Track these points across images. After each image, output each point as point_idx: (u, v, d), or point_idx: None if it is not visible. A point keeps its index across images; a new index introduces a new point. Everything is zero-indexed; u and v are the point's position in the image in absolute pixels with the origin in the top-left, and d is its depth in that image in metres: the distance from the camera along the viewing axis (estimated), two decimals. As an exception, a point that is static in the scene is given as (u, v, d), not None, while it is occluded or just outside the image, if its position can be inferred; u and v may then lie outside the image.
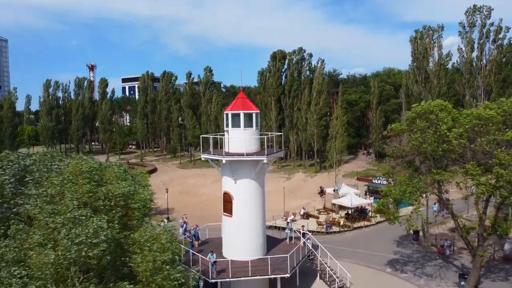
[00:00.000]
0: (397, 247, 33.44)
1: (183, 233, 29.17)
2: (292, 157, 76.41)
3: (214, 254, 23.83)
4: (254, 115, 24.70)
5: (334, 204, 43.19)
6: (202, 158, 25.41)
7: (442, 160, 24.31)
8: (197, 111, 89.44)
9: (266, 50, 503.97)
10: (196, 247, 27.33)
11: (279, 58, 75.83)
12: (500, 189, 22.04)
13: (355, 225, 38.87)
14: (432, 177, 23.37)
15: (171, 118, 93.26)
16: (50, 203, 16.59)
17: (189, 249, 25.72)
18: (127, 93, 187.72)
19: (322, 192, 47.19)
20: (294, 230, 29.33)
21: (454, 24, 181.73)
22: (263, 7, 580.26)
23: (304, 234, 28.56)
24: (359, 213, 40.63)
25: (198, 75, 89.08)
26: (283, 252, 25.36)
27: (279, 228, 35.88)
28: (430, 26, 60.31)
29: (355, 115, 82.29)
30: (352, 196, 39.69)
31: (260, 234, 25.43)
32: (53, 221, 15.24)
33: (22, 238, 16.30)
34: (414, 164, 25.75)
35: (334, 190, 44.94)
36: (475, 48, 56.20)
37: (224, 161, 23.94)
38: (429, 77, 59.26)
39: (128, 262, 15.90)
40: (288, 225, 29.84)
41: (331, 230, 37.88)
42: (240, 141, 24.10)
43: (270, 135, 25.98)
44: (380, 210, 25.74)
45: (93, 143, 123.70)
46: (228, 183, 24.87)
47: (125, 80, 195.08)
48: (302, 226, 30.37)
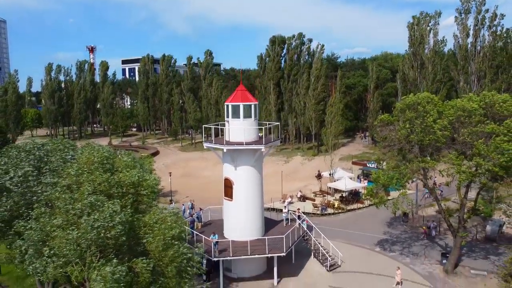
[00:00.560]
0: (387, 228, 35.64)
1: (190, 215, 31.33)
2: (291, 140, 78.07)
3: (216, 235, 25.97)
4: (252, 107, 26.39)
5: (329, 187, 45.27)
6: (204, 147, 27.20)
7: (427, 149, 26.14)
8: (197, 94, 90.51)
9: (267, 29, 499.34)
10: (199, 228, 29.51)
11: (278, 42, 76.30)
12: (479, 176, 24.06)
13: (349, 208, 41.01)
14: (417, 164, 25.26)
15: (172, 101, 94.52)
16: (68, 192, 18.49)
17: (191, 230, 27.80)
18: (127, 75, 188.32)
19: (319, 176, 49.15)
20: (290, 212, 31.39)
21: (457, 3, 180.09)
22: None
23: (299, 217, 30.66)
24: (353, 196, 42.72)
25: (198, 58, 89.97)
26: (279, 233, 27.53)
27: (277, 210, 38.01)
28: (428, 13, 61.17)
29: (353, 98, 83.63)
30: (346, 180, 41.70)
31: (259, 216, 27.52)
32: (72, 208, 17.13)
33: (45, 221, 18.34)
34: (402, 152, 27.60)
35: (330, 174, 46.94)
36: (470, 34, 57.10)
37: (225, 150, 25.78)
38: (424, 64, 60.41)
39: (141, 241, 17.90)
40: (285, 209, 31.88)
41: (326, 212, 40.03)
42: (239, 131, 25.87)
43: (268, 126, 27.69)
44: (370, 194, 27.78)
45: (95, 125, 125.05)
46: (228, 170, 26.77)
47: (125, 62, 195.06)
48: (298, 209, 32.44)
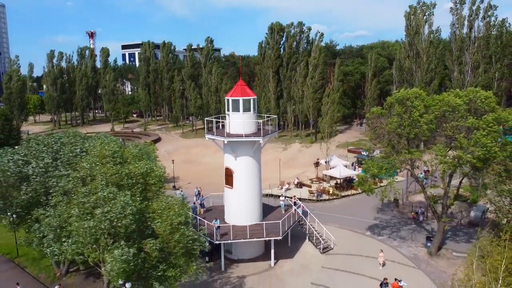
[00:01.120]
0: (378, 214, 37.80)
1: (196, 200, 33.55)
2: (289, 127, 79.82)
3: (218, 220, 28.12)
4: (251, 101, 28.10)
5: (325, 174, 47.30)
6: (206, 138, 29.07)
7: (414, 141, 28.01)
8: (198, 81, 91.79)
9: (267, 10, 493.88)
10: (202, 214, 31.65)
11: (277, 30, 77.16)
12: (461, 167, 26.03)
13: (343, 194, 43.12)
14: (404, 155, 27.18)
15: (173, 88, 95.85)
16: (80, 184, 20.31)
17: (194, 215, 29.88)
18: (127, 60, 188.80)
19: (317, 164, 51.13)
20: (286, 198, 33.43)
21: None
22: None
23: (295, 203, 32.76)
24: (347, 183, 44.78)
25: (198, 45, 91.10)
26: (276, 218, 29.67)
27: (275, 196, 40.12)
28: (425, 2, 62.06)
29: (350, 85, 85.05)
30: (340, 168, 43.70)
31: (257, 203, 29.61)
32: (87, 201, 18.94)
33: (62, 209, 20.30)
34: (391, 143, 29.49)
35: (326, 162, 48.94)
36: (465, 25, 58.26)
37: (225, 142, 27.65)
38: (419, 53, 61.69)
39: (150, 225, 19.91)
40: (282, 197, 33.93)
41: (321, 198, 42.16)
42: (239, 124, 27.68)
43: (265, 119, 29.49)
44: (359, 183, 29.82)
45: (96, 111, 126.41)
46: (229, 160, 28.72)
47: (125, 47, 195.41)
48: (294, 196, 34.52)
